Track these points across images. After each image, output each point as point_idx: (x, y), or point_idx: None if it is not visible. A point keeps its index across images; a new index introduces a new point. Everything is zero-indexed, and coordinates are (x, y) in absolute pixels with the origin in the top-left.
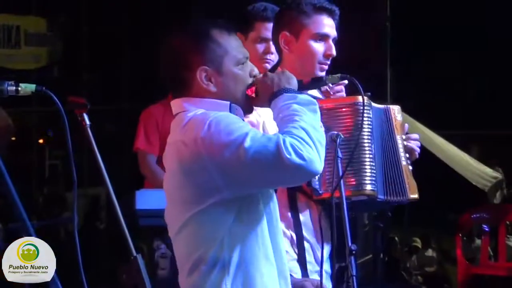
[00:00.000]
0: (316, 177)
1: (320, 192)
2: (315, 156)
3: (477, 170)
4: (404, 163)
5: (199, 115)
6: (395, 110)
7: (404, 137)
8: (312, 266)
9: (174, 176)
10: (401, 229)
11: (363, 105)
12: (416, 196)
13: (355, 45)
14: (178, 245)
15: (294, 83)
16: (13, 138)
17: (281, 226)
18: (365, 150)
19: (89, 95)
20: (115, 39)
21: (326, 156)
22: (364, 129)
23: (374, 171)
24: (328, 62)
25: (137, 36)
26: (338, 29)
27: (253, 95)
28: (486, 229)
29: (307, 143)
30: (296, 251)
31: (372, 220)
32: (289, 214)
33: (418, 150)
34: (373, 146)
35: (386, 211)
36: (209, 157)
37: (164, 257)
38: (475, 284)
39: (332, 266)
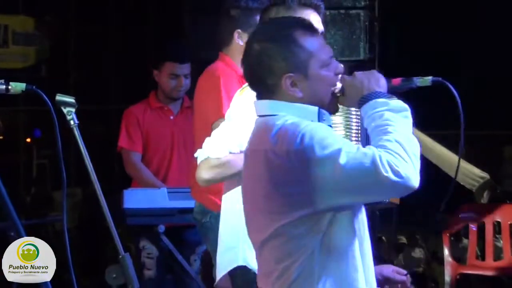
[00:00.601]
0: None
1: None
2: (412, 172)
3: (464, 170)
4: None
5: (289, 125)
6: None
7: None
8: None
9: (260, 184)
10: (388, 228)
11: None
12: (396, 201)
13: (343, 44)
14: (265, 253)
15: (383, 84)
16: (1, 137)
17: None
18: None
19: (77, 95)
20: (103, 38)
21: None
22: (353, 128)
23: None
24: None
25: (125, 35)
26: (324, 24)
27: (339, 94)
28: (474, 229)
29: (403, 159)
30: None
31: None
32: None
33: None
34: (360, 144)
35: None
36: (303, 170)
37: (151, 257)
38: (463, 283)
39: None
